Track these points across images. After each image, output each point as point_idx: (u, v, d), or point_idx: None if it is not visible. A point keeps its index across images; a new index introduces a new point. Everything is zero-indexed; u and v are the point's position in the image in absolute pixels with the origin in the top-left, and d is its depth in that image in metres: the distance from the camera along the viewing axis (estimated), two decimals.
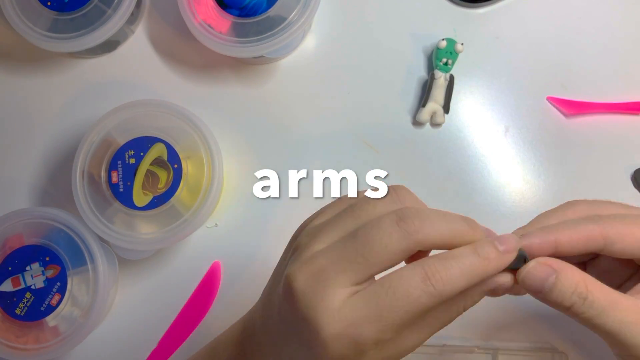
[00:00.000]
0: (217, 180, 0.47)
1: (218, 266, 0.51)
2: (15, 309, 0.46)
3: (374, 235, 0.28)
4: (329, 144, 0.53)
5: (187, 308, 0.51)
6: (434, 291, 0.27)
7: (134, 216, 0.47)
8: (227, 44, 0.49)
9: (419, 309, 0.27)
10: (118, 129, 0.48)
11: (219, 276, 0.51)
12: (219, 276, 0.51)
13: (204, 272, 0.52)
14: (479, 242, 0.28)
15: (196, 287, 0.51)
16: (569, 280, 0.28)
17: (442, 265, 0.27)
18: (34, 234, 0.47)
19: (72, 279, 0.47)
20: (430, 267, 0.27)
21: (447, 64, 0.51)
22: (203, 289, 0.51)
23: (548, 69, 0.53)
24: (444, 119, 0.51)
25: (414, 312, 0.27)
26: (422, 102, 0.52)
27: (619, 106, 0.52)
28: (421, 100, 0.52)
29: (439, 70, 0.51)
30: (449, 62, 0.51)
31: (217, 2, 0.50)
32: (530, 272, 0.29)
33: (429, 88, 0.51)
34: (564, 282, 0.28)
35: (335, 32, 0.55)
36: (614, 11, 0.54)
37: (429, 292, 0.27)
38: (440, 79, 0.51)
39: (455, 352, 0.48)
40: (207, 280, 0.51)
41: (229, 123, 0.54)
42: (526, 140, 0.52)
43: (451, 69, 0.51)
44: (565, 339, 0.48)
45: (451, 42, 0.51)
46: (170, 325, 0.51)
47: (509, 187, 0.51)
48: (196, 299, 0.51)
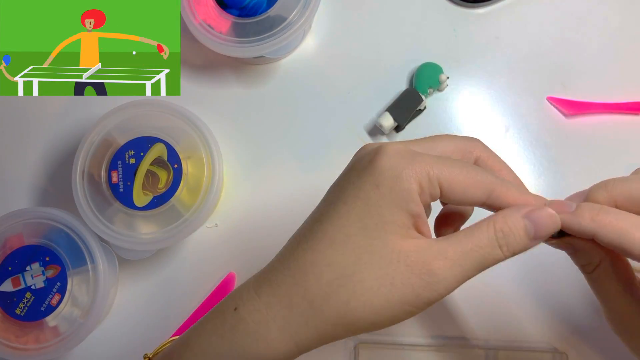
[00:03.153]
0: (217, 180, 0.47)
1: (232, 277, 0.51)
2: (15, 309, 0.46)
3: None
4: (329, 143, 0.53)
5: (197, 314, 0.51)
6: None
7: (134, 216, 0.47)
8: (227, 44, 0.49)
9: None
10: (118, 129, 0.48)
11: (232, 286, 0.51)
12: (232, 286, 0.51)
13: (204, 272, 0.52)
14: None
15: (207, 295, 0.51)
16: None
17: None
18: (34, 234, 0.47)
19: (72, 279, 0.47)
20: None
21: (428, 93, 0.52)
22: (214, 297, 0.51)
23: (548, 69, 0.53)
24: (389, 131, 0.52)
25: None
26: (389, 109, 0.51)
27: (619, 106, 0.52)
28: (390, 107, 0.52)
29: (425, 96, 0.51)
30: (430, 92, 0.52)
31: (217, 2, 0.50)
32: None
33: (405, 103, 0.51)
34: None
35: (335, 32, 0.55)
36: (613, 11, 0.54)
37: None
38: (422, 106, 0.51)
39: (456, 352, 0.48)
40: (219, 290, 0.51)
41: (229, 123, 0.54)
42: (526, 140, 0.52)
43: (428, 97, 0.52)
44: (565, 339, 0.48)
45: (437, 70, 0.51)
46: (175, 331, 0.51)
47: None
48: (207, 305, 0.51)
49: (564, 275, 0.49)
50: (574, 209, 0.30)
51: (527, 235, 0.29)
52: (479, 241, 0.29)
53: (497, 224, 0.29)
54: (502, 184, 0.30)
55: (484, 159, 0.33)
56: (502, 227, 0.29)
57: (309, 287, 0.30)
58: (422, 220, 0.30)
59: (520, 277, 0.49)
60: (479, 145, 0.33)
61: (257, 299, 0.31)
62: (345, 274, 0.29)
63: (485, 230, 0.29)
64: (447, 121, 0.53)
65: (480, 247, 0.29)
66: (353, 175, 0.31)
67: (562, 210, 0.30)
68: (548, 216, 0.30)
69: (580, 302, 0.49)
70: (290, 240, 0.33)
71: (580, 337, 0.48)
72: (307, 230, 0.32)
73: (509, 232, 0.29)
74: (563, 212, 0.30)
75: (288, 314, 0.30)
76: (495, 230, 0.29)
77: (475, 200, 0.30)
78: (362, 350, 0.48)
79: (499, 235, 0.29)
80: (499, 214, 0.30)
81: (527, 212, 0.30)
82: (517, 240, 0.29)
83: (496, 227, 0.29)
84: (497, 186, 0.30)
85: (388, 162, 0.30)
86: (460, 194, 0.30)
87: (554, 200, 0.31)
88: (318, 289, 0.29)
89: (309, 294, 0.29)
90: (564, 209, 0.30)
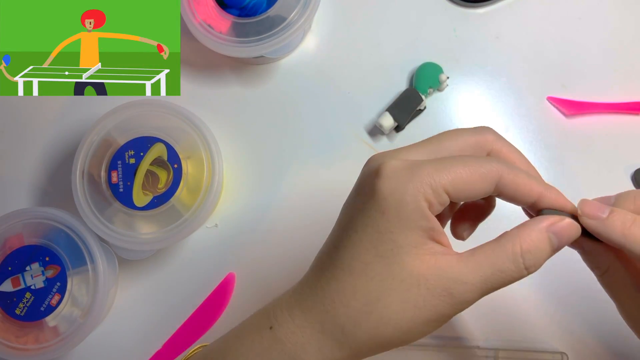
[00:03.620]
0: (217, 180, 0.47)
1: (232, 277, 0.51)
2: (15, 309, 0.46)
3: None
4: (328, 143, 0.53)
5: (197, 314, 0.51)
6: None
7: (134, 216, 0.47)
8: (227, 44, 0.49)
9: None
10: (118, 129, 0.48)
11: (232, 286, 0.51)
12: (232, 286, 0.51)
13: (204, 272, 0.52)
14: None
15: (208, 295, 0.51)
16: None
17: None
18: (34, 234, 0.47)
19: (72, 279, 0.47)
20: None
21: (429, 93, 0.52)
22: (214, 297, 0.51)
23: (548, 69, 0.53)
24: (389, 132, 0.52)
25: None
26: (389, 109, 0.51)
27: (619, 106, 0.52)
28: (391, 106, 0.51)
29: (425, 96, 0.51)
30: (430, 92, 0.52)
31: (217, 2, 0.50)
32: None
33: (405, 103, 0.51)
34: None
35: (335, 32, 0.55)
36: (614, 11, 0.54)
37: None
38: (422, 106, 0.51)
39: (456, 352, 0.48)
40: (219, 290, 0.51)
41: (229, 123, 0.53)
42: (526, 140, 0.52)
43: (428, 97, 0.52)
44: (565, 339, 0.48)
45: (437, 70, 0.51)
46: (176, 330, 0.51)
47: None
48: (207, 305, 0.51)
49: (564, 276, 0.48)
50: (606, 215, 0.30)
51: (552, 249, 0.30)
52: (501, 266, 0.29)
53: (523, 245, 0.29)
54: (510, 170, 0.30)
55: (496, 151, 0.32)
56: (529, 248, 0.29)
57: (337, 315, 0.30)
58: (438, 231, 0.30)
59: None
60: (489, 138, 0.32)
61: (291, 322, 0.31)
62: (371, 301, 0.30)
63: (511, 254, 0.29)
64: (447, 121, 0.53)
65: (503, 271, 0.29)
66: (359, 201, 0.31)
67: (594, 216, 0.30)
68: (569, 226, 0.30)
69: (581, 302, 0.49)
70: (313, 266, 0.33)
71: (580, 337, 0.48)
72: (327, 257, 0.32)
73: (536, 252, 0.29)
74: (596, 217, 0.30)
75: (322, 338, 0.31)
76: (522, 252, 0.29)
77: (485, 192, 0.30)
78: None
79: (526, 257, 0.29)
80: (523, 233, 0.30)
81: (549, 224, 0.29)
82: (543, 256, 0.29)
83: (522, 248, 0.29)
84: (505, 173, 0.30)
85: (389, 186, 0.29)
86: (468, 192, 0.30)
87: (587, 201, 0.31)
88: (347, 316, 0.30)
89: (339, 320, 0.30)
90: (597, 213, 0.30)
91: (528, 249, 0.29)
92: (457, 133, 0.32)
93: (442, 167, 0.29)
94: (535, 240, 0.29)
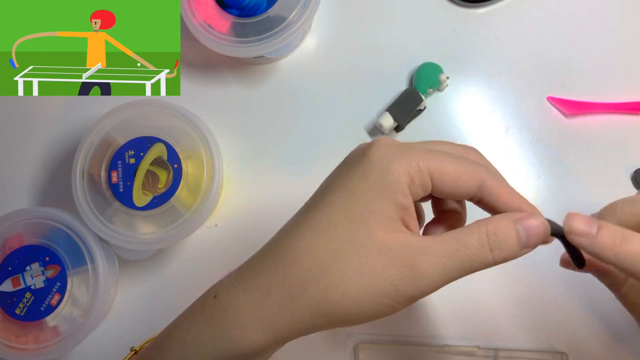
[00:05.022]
0: (217, 180, 0.47)
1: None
2: (15, 309, 0.46)
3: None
4: (328, 143, 0.53)
5: None
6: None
7: (134, 216, 0.47)
8: (227, 44, 0.49)
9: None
10: (118, 129, 0.48)
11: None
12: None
13: (204, 272, 0.52)
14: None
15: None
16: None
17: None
18: (34, 234, 0.47)
19: (72, 279, 0.47)
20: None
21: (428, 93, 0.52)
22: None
23: (548, 69, 0.53)
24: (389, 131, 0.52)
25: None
26: (389, 109, 0.51)
27: (619, 106, 0.52)
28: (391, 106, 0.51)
29: (425, 96, 0.51)
30: (430, 92, 0.52)
31: (217, 2, 0.50)
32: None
33: (405, 103, 0.51)
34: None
35: (335, 32, 0.55)
36: (614, 11, 0.54)
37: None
38: (422, 106, 0.51)
39: (456, 352, 0.48)
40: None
41: (229, 123, 0.54)
42: (526, 140, 0.52)
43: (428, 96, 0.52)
44: (565, 339, 0.48)
45: (437, 70, 0.51)
46: None
47: None
48: None
49: (564, 276, 0.48)
50: (595, 231, 0.28)
51: (518, 241, 0.29)
52: (467, 242, 0.28)
53: (489, 226, 0.29)
54: (494, 176, 0.30)
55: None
56: (495, 230, 0.29)
57: (287, 274, 0.29)
58: (410, 214, 0.30)
59: (520, 277, 0.49)
60: (474, 154, 0.33)
61: (237, 286, 0.31)
62: (325, 261, 0.29)
63: (476, 232, 0.29)
64: (447, 121, 0.53)
65: (468, 247, 0.28)
66: (344, 167, 0.32)
67: (583, 233, 0.28)
68: (540, 224, 0.29)
69: (580, 302, 0.48)
70: (279, 230, 0.32)
71: (580, 337, 0.48)
72: (294, 220, 0.32)
73: (502, 236, 0.29)
74: (584, 235, 0.28)
75: (265, 300, 0.29)
76: (488, 232, 0.29)
77: (467, 191, 0.30)
78: (362, 350, 0.48)
79: (490, 237, 0.29)
80: (491, 218, 0.30)
81: (519, 218, 0.29)
82: (509, 245, 0.29)
83: (488, 229, 0.29)
84: (488, 177, 0.30)
85: (378, 153, 0.30)
86: (452, 185, 0.30)
87: (574, 215, 0.29)
88: (297, 275, 0.29)
89: (288, 280, 0.29)
90: (585, 230, 0.28)
91: (494, 231, 0.29)
92: (447, 142, 0.33)
93: (433, 153, 0.30)
94: (503, 226, 0.29)
